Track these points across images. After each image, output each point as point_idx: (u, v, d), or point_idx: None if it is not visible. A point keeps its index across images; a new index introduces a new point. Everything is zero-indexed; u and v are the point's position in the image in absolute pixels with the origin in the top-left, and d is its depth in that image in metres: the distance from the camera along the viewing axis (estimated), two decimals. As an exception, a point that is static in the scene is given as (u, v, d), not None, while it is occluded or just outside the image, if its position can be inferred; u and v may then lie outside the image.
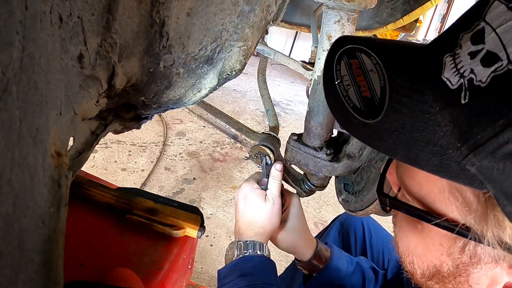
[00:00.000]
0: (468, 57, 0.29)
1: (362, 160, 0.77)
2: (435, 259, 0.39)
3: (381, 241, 1.01)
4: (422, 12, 1.05)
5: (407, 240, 0.43)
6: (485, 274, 0.35)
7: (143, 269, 0.72)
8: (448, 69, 0.30)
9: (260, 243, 0.71)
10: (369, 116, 0.34)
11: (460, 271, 0.37)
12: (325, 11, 0.65)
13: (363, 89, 0.36)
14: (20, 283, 0.25)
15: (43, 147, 0.28)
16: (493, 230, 0.31)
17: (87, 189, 0.84)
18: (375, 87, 0.35)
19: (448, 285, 0.39)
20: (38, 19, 0.25)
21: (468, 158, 0.28)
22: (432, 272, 0.40)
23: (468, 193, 0.32)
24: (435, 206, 0.35)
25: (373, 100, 0.34)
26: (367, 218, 1.06)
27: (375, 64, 0.36)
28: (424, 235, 0.39)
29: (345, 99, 0.36)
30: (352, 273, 0.83)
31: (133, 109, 0.51)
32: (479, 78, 0.28)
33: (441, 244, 0.37)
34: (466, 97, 0.28)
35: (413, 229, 0.41)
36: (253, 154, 0.91)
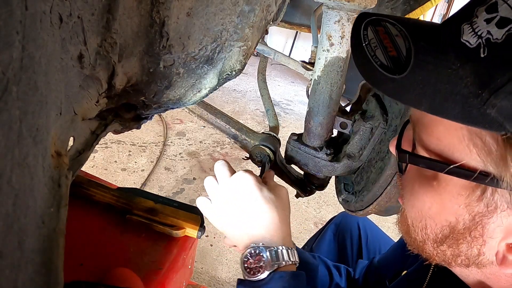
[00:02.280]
0: (484, 22, 0.34)
1: (362, 160, 0.77)
2: (451, 215, 0.40)
3: (377, 242, 1.01)
4: (422, 12, 1.05)
5: (421, 203, 0.44)
6: (499, 224, 0.37)
7: (143, 269, 0.72)
8: (466, 33, 0.35)
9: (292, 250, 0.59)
10: (396, 72, 0.38)
11: (476, 223, 0.38)
12: (325, 11, 0.65)
13: (390, 49, 0.39)
14: (20, 283, 0.25)
15: (43, 147, 0.28)
16: None
17: (87, 189, 0.84)
18: (401, 48, 0.39)
19: (462, 244, 0.41)
20: (38, 19, 0.25)
21: (488, 101, 0.32)
22: (445, 233, 0.42)
23: (487, 137, 0.35)
24: (454, 157, 0.38)
25: (399, 59, 0.38)
26: (363, 219, 1.06)
27: (400, 31, 0.40)
28: (440, 190, 0.41)
29: (372, 58, 0.39)
30: (318, 266, 0.79)
31: (133, 109, 0.51)
32: (495, 37, 0.33)
33: (459, 194, 0.39)
34: (485, 52, 0.33)
35: (428, 188, 0.42)
36: (253, 154, 0.91)
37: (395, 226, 0.52)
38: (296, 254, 0.59)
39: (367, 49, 0.40)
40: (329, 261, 0.88)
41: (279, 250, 0.56)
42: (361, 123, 0.74)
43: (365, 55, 0.40)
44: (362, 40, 0.41)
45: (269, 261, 0.55)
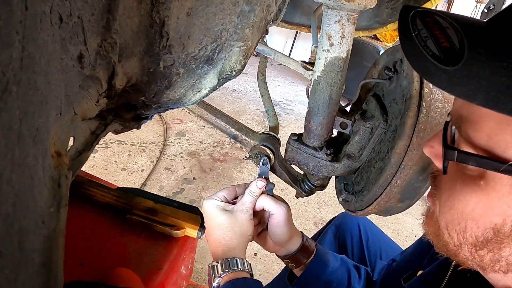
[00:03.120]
0: None
1: (362, 160, 0.77)
2: (498, 216, 0.39)
3: (378, 242, 1.01)
4: (422, 12, 1.05)
5: (462, 204, 0.42)
6: None
7: (143, 269, 0.72)
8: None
9: (236, 259, 0.69)
10: (449, 63, 0.36)
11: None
12: (325, 11, 0.65)
13: (442, 40, 0.38)
14: (20, 283, 0.25)
15: (43, 147, 0.28)
16: None
17: (87, 189, 0.84)
18: (453, 39, 0.38)
19: (505, 248, 0.39)
20: (38, 19, 0.25)
21: None
22: (488, 236, 0.40)
23: None
24: (506, 154, 0.36)
25: (452, 50, 0.37)
26: (363, 220, 1.05)
27: (450, 23, 0.39)
28: (488, 190, 0.39)
29: (423, 48, 0.38)
30: (338, 269, 0.83)
31: (133, 109, 0.51)
32: None
33: (510, 193, 0.37)
34: None
35: (473, 187, 0.40)
36: (253, 154, 0.91)
37: (396, 226, 0.51)
38: (248, 265, 0.70)
39: (417, 39, 0.39)
40: (351, 262, 0.87)
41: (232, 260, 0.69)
42: (361, 123, 0.74)
43: (415, 45, 0.38)
44: (411, 30, 0.39)
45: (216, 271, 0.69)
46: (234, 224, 0.72)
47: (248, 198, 0.76)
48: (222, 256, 0.71)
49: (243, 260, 0.70)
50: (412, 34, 0.39)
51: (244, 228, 0.73)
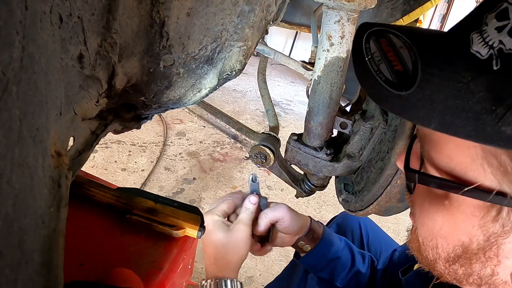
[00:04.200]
0: (495, 31, 0.32)
1: (362, 160, 0.76)
2: (464, 235, 0.38)
3: (378, 241, 1.01)
4: (422, 12, 1.05)
5: (431, 222, 0.42)
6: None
7: (143, 269, 0.72)
8: (476, 43, 0.33)
9: (225, 280, 0.69)
10: (402, 88, 0.35)
11: (491, 244, 0.36)
12: (325, 11, 0.65)
13: (395, 63, 0.37)
14: (20, 283, 0.25)
15: (43, 147, 0.28)
16: None
17: (87, 189, 0.84)
18: (407, 61, 0.36)
19: (475, 264, 0.39)
20: (38, 19, 0.25)
21: (504, 118, 0.30)
22: (458, 253, 0.40)
23: (503, 156, 0.32)
24: (467, 176, 0.35)
25: (405, 73, 0.36)
26: (364, 219, 1.06)
27: (404, 42, 0.38)
28: (453, 210, 0.39)
29: (376, 73, 0.37)
30: (343, 248, 0.85)
31: (133, 109, 0.51)
32: (508, 47, 0.30)
33: (473, 215, 0.37)
34: (498, 64, 0.31)
35: (439, 207, 0.40)
36: (253, 154, 0.91)
37: (396, 226, 0.51)
38: (239, 285, 0.70)
39: (371, 63, 0.38)
40: (355, 247, 0.89)
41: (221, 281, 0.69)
42: (361, 123, 0.74)
43: (368, 70, 0.37)
44: (365, 54, 0.38)
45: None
46: (229, 242, 0.72)
47: (244, 215, 0.77)
48: (212, 275, 0.71)
49: (234, 280, 0.70)
50: (365, 59, 0.38)
51: (239, 247, 0.73)
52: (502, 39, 0.31)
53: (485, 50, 0.32)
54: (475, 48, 0.33)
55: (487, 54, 0.31)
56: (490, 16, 0.33)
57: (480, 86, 0.32)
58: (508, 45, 0.30)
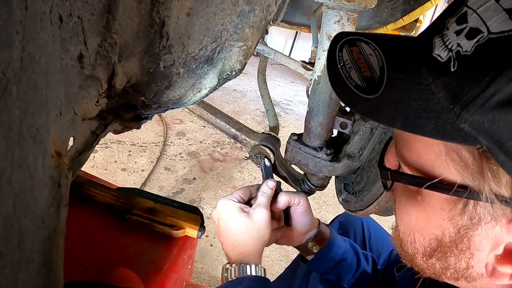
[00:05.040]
0: (455, 35, 0.34)
1: (362, 160, 0.76)
2: (437, 228, 0.41)
3: (380, 241, 1.02)
4: (422, 12, 1.05)
5: (408, 216, 0.45)
6: (486, 236, 0.37)
7: (143, 269, 0.72)
8: (437, 47, 0.35)
9: (250, 265, 0.68)
10: (370, 92, 0.38)
11: (461, 236, 0.38)
12: (325, 11, 0.65)
13: (364, 69, 0.40)
14: (20, 283, 0.25)
15: (43, 147, 0.28)
16: (490, 183, 0.33)
17: (87, 189, 0.84)
18: (375, 67, 0.39)
19: (450, 257, 0.41)
20: (38, 19, 0.25)
21: (461, 116, 0.32)
22: (433, 246, 0.42)
23: (463, 152, 0.35)
24: (434, 172, 0.38)
25: (373, 78, 0.39)
26: (367, 218, 1.06)
27: (374, 49, 0.41)
28: (424, 205, 0.41)
29: (347, 79, 0.40)
30: (348, 250, 0.86)
31: (133, 109, 0.51)
32: (465, 49, 0.32)
33: (442, 209, 0.39)
34: (455, 65, 0.33)
35: (413, 202, 0.43)
36: (253, 154, 0.91)
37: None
38: (262, 270, 0.68)
39: (342, 70, 0.40)
40: (359, 248, 0.89)
41: (246, 266, 0.67)
42: (361, 123, 0.74)
43: (340, 76, 0.40)
44: (338, 62, 0.41)
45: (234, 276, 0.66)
46: (251, 228, 0.71)
47: (263, 199, 0.76)
48: (236, 260, 0.70)
49: (257, 266, 0.69)
50: (337, 66, 0.41)
51: (261, 232, 0.72)
52: (460, 42, 0.33)
53: (445, 53, 0.34)
54: (436, 52, 0.35)
55: (446, 57, 0.33)
56: (451, 20, 0.35)
57: (439, 87, 0.34)
58: (465, 47, 0.32)
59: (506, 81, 0.29)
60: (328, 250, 0.83)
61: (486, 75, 0.30)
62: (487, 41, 0.31)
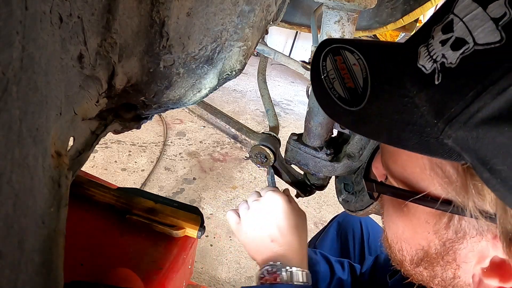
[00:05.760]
0: (440, 44, 0.32)
1: (362, 160, 0.77)
2: (423, 240, 0.40)
3: (379, 240, 1.01)
4: (422, 12, 1.05)
5: (395, 226, 0.44)
6: (471, 249, 0.36)
7: (143, 269, 0.72)
8: (422, 57, 0.33)
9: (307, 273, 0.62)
10: (353, 104, 0.37)
11: (447, 249, 0.38)
12: (325, 11, 0.65)
13: (347, 80, 0.38)
14: (20, 283, 0.25)
15: (43, 147, 0.28)
16: (474, 199, 0.32)
17: (87, 189, 0.84)
18: (358, 78, 0.38)
19: (437, 267, 0.40)
20: (38, 19, 0.25)
21: (444, 132, 0.31)
22: (420, 256, 0.42)
23: (447, 167, 0.34)
24: (419, 185, 0.37)
25: (356, 90, 0.37)
26: (365, 218, 1.06)
27: (358, 59, 0.39)
28: (410, 216, 0.41)
29: (330, 90, 0.39)
30: (320, 261, 0.84)
31: (133, 109, 0.51)
32: (450, 61, 0.31)
33: (427, 222, 0.38)
34: (439, 78, 0.31)
35: (399, 213, 0.42)
36: (253, 154, 0.91)
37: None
38: (309, 277, 0.62)
39: (326, 81, 0.39)
40: (332, 257, 0.88)
41: (296, 271, 0.61)
42: (361, 123, 0.74)
43: (323, 87, 0.39)
44: (321, 72, 0.40)
45: (285, 281, 0.59)
46: (305, 231, 0.69)
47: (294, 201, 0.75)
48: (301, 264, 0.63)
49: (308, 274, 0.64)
50: (321, 77, 0.40)
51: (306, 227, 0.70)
52: (445, 53, 0.31)
53: (429, 64, 0.32)
54: (421, 62, 0.33)
55: (431, 68, 0.32)
56: (437, 28, 0.33)
57: (423, 100, 0.32)
58: (450, 59, 0.30)
59: (491, 97, 0.28)
60: None
61: (471, 89, 0.29)
62: (473, 53, 0.29)
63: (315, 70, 0.41)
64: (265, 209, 0.68)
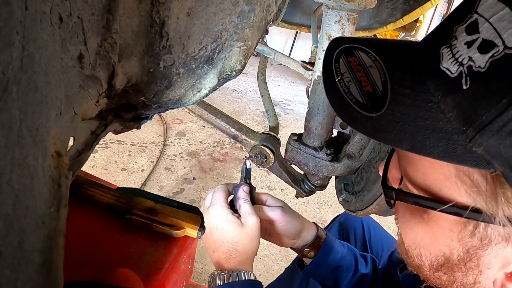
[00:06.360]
0: (465, 46, 0.30)
1: (362, 160, 0.77)
2: (444, 247, 0.39)
3: (380, 240, 1.02)
4: (422, 12, 1.05)
5: (413, 232, 0.43)
6: (495, 255, 0.35)
7: (143, 269, 0.72)
8: (446, 59, 0.31)
9: (245, 272, 0.69)
10: (373, 110, 0.35)
11: (470, 255, 0.37)
12: (325, 11, 0.65)
13: (364, 84, 0.36)
14: (20, 283, 0.25)
15: (43, 147, 0.28)
16: (504, 208, 0.31)
17: (87, 189, 0.84)
18: (376, 81, 0.35)
19: (457, 273, 0.39)
20: (38, 19, 0.25)
21: (474, 139, 0.29)
22: (440, 262, 0.40)
23: (475, 175, 0.32)
24: (442, 193, 0.35)
25: (375, 94, 0.35)
26: (367, 218, 1.06)
27: (374, 60, 0.37)
28: (431, 224, 0.39)
29: (347, 95, 0.36)
30: (346, 255, 0.85)
31: (133, 109, 0.51)
32: (478, 64, 0.29)
33: (451, 230, 0.37)
34: (467, 83, 0.29)
35: (419, 220, 0.40)
36: (253, 154, 0.91)
37: (395, 226, 0.52)
38: (252, 276, 0.70)
39: (341, 85, 0.37)
40: (357, 251, 0.89)
41: (233, 274, 0.68)
42: (361, 123, 0.74)
43: (338, 91, 0.37)
44: (335, 75, 0.37)
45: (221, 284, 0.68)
46: (245, 237, 0.72)
47: (247, 206, 0.77)
48: (230, 269, 0.71)
49: (251, 273, 0.70)
50: (335, 80, 0.37)
51: (255, 240, 0.73)
52: (472, 56, 0.29)
53: (455, 67, 0.30)
54: (445, 65, 0.31)
55: (456, 72, 0.30)
56: (460, 28, 0.31)
57: (450, 106, 0.31)
58: (478, 63, 0.29)
59: None
60: (324, 257, 0.82)
61: (504, 97, 0.27)
62: (503, 56, 0.28)
63: (327, 73, 0.38)
64: (208, 224, 0.75)
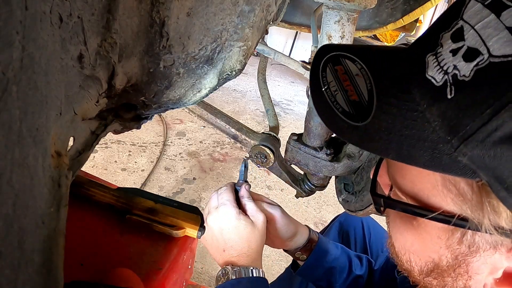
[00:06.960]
0: (450, 54, 0.30)
1: (362, 160, 0.77)
2: (433, 253, 0.39)
3: (380, 240, 1.02)
4: (422, 12, 1.05)
5: (403, 238, 0.43)
6: (484, 262, 0.35)
7: (143, 269, 0.72)
8: (431, 68, 0.31)
9: (258, 269, 0.70)
10: (359, 119, 0.35)
11: (459, 262, 0.37)
12: (325, 11, 0.65)
13: (351, 93, 0.36)
14: (20, 283, 0.25)
15: (43, 147, 0.28)
16: (490, 216, 0.31)
17: (87, 189, 0.84)
18: (362, 91, 0.35)
19: (447, 278, 0.39)
20: (38, 19, 0.25)
21: (459, 149, 0.29)
22: (430, 267, 0.41)
23: (461, 184, 0.32)
24: (430, 201, 0.36)
25: (361, 103, 0.35)
26: (367, 218, 1.06)
27: (360, 68, 0.37)
28: (420, 230, 0.40)
29: (333, 104, 0.36)
30: (339, 256, 0.85)
31: (133, 109, 0.51)
32: (463, 73, 0.29)
33: (439, 237, 0.37)
34: (452, 92, 0.29)
35: (408, 226, 0.41)
36: (253, 154, 0.91)
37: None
38: (262, 273, 0.70)
39: (327, 94, 0.37)
40: (352, 252, 0.89)
41: (246, 270, 0.68)
42: (361, 123, 0.74)
43: (325, 101, 0.37)
44: (322, 84, 0.37)
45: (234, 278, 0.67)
46: (256, 235, 0.73)
47: (252, 205, 0.78)
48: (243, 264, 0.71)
49: (260, 270, 0.71)
50: (322, 89, 0.37)
51: (263, 237, 0.75)
52: (457, 64, 0.29)
53: (440, 76, 0.30)
54: (430, 73, 0.31)
55: (441, 80, 0.30)
56: (446, 35, 0.31)
57: (435, 115, 0.31)
58: (463, 71, 0.28)
59: (510, 115, 0.26)
60: (316, 259, 0.83)
61: (488, 106, 0.27)
62: (488, 65, 0.27)
63: (315, 82, 0.38)
64: (217, 224, 0.75)
